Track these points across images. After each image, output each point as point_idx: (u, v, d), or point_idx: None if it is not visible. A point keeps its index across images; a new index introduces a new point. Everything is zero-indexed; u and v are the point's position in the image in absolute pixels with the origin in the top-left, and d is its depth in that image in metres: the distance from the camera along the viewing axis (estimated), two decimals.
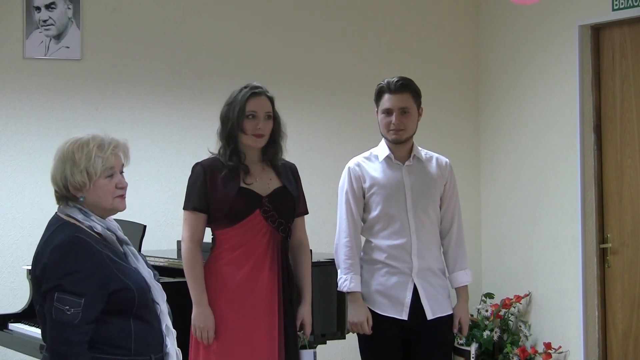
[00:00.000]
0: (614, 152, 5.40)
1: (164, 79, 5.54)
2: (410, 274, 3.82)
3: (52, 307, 2.67)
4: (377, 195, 3.85)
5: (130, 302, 2.77)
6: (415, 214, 3.83)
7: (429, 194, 3.87)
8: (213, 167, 3.62)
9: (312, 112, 5.91)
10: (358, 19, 6.06)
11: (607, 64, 5.43)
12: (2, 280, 5.18)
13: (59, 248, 2.72)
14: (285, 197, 3.66)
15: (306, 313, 3.70)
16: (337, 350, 5.49)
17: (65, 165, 2.80)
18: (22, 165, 5.23)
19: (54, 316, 2.67)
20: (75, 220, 2.79)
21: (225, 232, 3.60)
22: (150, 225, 4.66)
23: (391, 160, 3.88)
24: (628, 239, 5.33)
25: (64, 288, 2.67)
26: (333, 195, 5.88)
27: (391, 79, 3.85)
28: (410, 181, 3.86)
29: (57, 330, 2.68)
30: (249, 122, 3.58)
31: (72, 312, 2.67)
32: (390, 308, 3.81)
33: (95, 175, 2.78)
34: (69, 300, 2.67)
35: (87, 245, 2.74)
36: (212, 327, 3.53)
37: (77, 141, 2.82)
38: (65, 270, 2.69)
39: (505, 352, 5.71)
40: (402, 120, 3.81)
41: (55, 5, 5.28)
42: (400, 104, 3.81)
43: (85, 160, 2.79)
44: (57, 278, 2.68)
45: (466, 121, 6.29)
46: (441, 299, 3.87)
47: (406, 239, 3.82)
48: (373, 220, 3.87)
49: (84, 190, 2.79)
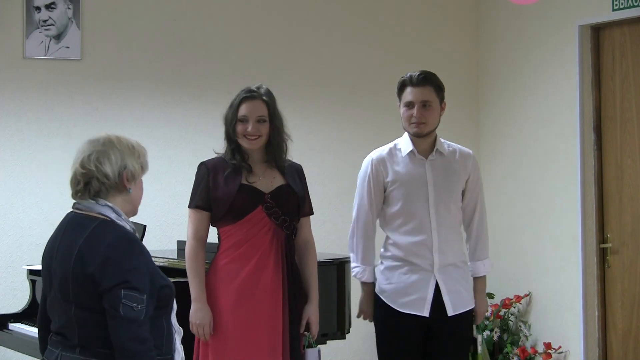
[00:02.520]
0: (614, 152, 5.40)
1: (164, 78, 5.55)
2: (432, 270, 3.81)
3: (120, 304, 2.64)
4: (399, 190, 3.83)
5: (169, 298, 2.80)
6: (437, 210, 3.81)
7: (451, 189, 3.86)
8: (217, 166, 3.67)
9: (312, 111, 5.91)
10: (358, 19, 6.06)
11: (607, 64, 5.43)
12: (2, 280, 5.18)
13: (118, 244, 2.70)
14: (288, 194, 3.68)
15: (312, 312, 3.72)
16: (337, 350, 5.49)
17: (124, 154, 2.82)
18: (22, 165, 5.23)
19: (122, 313, 2.64)
20: (110, 219, 2.77)
21: (228, 229, 3.64)
22: (150, 225, 4.66)
23: (414, 154, 3.85)
24: (628, 239, 5.33)
25: (130, 284, 2.66)
26: (333, 195, 5.91)
27: (413, 73, 3.83)
28: (432, 177, 3.83)
29: (126, 328, 2.65)
30: (240, 125, 3.64)
31: (139, 308, 2.66)
32: (412, 306, 3.80)
33: (145, 170, 2.88)
34: (135, 297, 2.66)
35: (138, 241, 2.76)
36: (209, 323, 3.55)
37: (126, 138, 2.88)
38: (129, 266, 2.68)
39: (505, 352, 5.72)
40: (423, 114, 3.78)
41: (55, 5, 5.28)
42: (422, 97, 3.78)
43: (143, 155, 2.88)
44: (123, 274, 2.66)
45: (466, 121, 6.29)
46: (464, 292, 3.87)
47: (427, 235, 3.81)
48: (393, 216, 3.85)
49: (135, 182, 2.83)
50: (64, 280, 2.75)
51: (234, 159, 3.65)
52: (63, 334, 2.79)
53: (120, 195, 2.81)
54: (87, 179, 2.79)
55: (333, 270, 4.16)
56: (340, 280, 4.27)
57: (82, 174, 2.79)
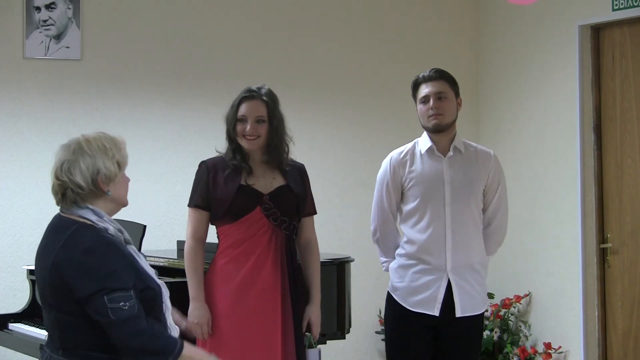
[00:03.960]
0: (614, 152, 5.40)
1: (164, 78, 5.55)
2: (445, 270, 3.79)
3: (108, 309, 2.63)
4: (416, 187, 3.82)
5: (152, 301, 2.76)
6: (454, 208, 3.78)
7: (470, 188, 3.83)
8: (217, 165, 3.68)
9: (313, 111, 5.91)
10: (358, 19, 6.06)
11: (607, 64, 5.43)
12: (2, 280, 5.18)
13: (94, 249, 2.67)
14: (287, 195, 3.69)
15: (314, 313, 3.72)
16: (337, 350, 5.49)
17: (95, 158, 2.76)
18: (22, 165, 5.23)
19: (114, 317, 2.63)
20: (90, 222, 2.74)
21: (227, 229, 3.65)
22: (150, 225, 4.66)
23: (433, 152, 3.83)
24: (628, 239, 5.33)
25: (110, 288, 2.64)
26: (333, 195, 5.91)
27: (425, 72, 3.84)
28: (450, 175, 3.81)
29: (123, 328, 2.65)
30: (239, 125, 3.64)
31: (129, 305, 2.65)
32: (422, 305, 3.79)
33: (124, 166, 2.81)
34: (120, 297, 2.64)
35: (117, 244, 2.73)
36: (207, 322, 3.56)
37: (100, 135, 2.82)
38: (105, 271, 2.65)
39: (505, 352, 5.71)
40: (439, 105, 3.76)
41: (55, 5, 5.28)
42: (436, 89, 3.78)
43: (116, 151, 2.79)
44: (99, 281, 2.64)
45: (466, 121, 6.28)
46: (476, 295, 3.84)
47: (440, 232, 3.78)
48: (410, 213, 3.84)
49: (114, 182, 2.78)
50: (42, 285, 2.75)
51: (234, 160, 3.65)
52: (50, 335, 2.81)
53: (100, 199, 2.78)
54: (62, 190, 2.78)
55: (333, 270, 4.16)
56: (340, 280, 4.27)
57: (58, 184, 2.79)
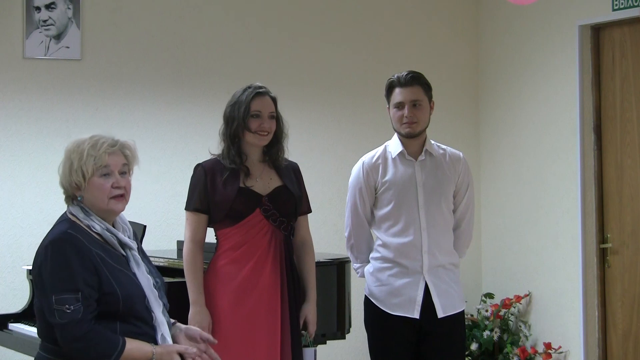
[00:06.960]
0: (614, 152, 5.40)
1: (164, 79, 5.54)
2: (422, 272, 3.80)
3: (54, 311, 2.66)
4: (389, 192, 3.83)
5: (114, 307, 2.74)
6: (427, 211, 3.81)
7: (441, 190, 3.85)
8: (214, 168, 3.65)
9: (312, 111, 5.91)
10: (358, 19, 6.06)
11: (607, 64, 5.43)
12: (2, 280, 5.18)
13: (49, 246, 2.73)
14: (286, 195, 3.69)
15: (310, 312, 3.72)
16: (337, 350, 5.49)
17: (65, 165, 2.83)
18: (22, 165, 5.23)
19: (58, 318, 2.66)
20: (76, 218, 2.79)
21: (226, 232, 3.64)
22: (150, 225, 4.66)
23: (404, 156, 3.86)
24: (628, 239, 5.33)
25: (58, 288, 2.67)
26: (333, 195, 5.91)
27: (400, 74, 3.84)
28: (422, 178, 3.84)
29: (64, 331, 2.67)
30: (254, 120, 3.61)
31: (73, 308, 2.65)
32: (402, 307, 3.80)
33: (87, 174, 2.78)
34: (66, 299, 2.65)
35: (76, 242, 2.72)
36: (207, 326, 3.55)
37: (75, 141, 2.85)
38: (55, 269, 2.68)
39: (505, 352, 5.71)
40: (414, 113, 3.79)
41: (55, 5, 5.28)
42: (412, 96, 3.79)
43: (78, 159, 2.80)
44: (49, 279, 2.68)
45: (466, 121, 6.29)
46: (453, 294, 3.86)
47: (416, 236, 3.80)
48: (384, 217, 3.86)
49: (81, 190, 2.80)
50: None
51: (233, 163, 3.63)
52: None
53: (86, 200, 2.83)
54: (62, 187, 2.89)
55: (333, 270, 4.16)
56: (340, 280, 4.27)
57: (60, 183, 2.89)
